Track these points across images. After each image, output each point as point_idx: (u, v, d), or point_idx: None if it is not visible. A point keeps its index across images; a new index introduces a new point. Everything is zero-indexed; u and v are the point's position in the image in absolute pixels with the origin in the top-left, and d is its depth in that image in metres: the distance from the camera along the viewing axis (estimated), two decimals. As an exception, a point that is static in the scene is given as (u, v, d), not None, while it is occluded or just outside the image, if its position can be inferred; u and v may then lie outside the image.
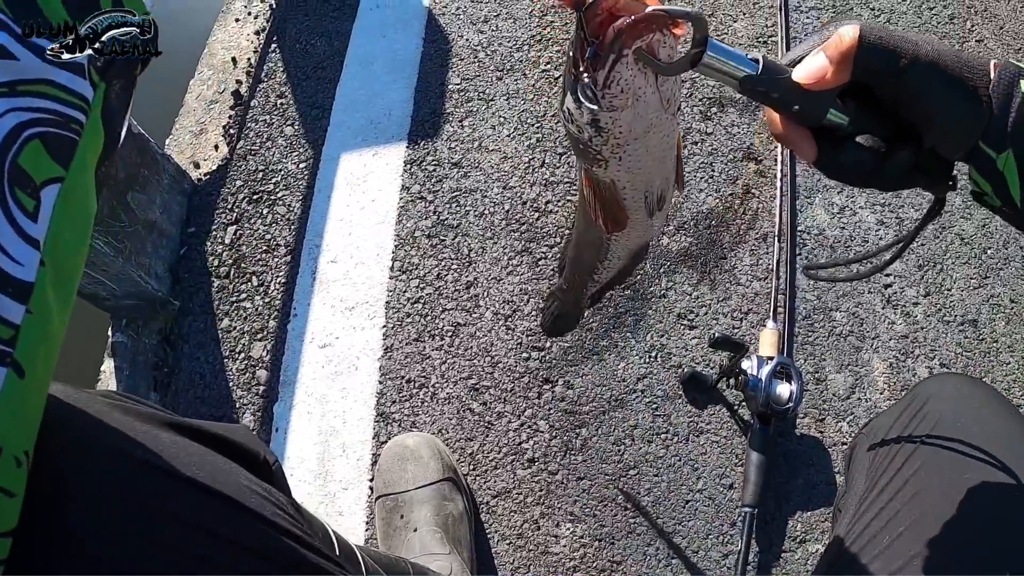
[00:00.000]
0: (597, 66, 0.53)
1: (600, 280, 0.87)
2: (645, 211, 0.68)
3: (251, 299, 1.47)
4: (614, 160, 0.60)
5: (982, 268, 1.50)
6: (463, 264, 1.48)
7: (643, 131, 0.58)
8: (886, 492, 0.75)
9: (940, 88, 0.50)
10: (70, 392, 0.56)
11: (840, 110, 0.54)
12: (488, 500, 1.27)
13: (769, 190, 1.55)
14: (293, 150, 1.64)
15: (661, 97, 0.56)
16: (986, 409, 0.76)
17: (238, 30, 1.87)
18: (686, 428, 1.32)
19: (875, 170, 0.54)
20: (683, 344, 1.39)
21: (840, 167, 0.55)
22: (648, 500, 1.27)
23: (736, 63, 0.53)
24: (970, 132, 0.51)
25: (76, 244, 0.45)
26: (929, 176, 0.56)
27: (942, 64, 0.50)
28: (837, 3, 1.84)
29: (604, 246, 0.78)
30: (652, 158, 0.61)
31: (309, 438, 1.33)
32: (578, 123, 0.58)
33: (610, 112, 0.55)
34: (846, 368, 1.38)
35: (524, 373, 1.37)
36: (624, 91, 0.54)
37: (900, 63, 0.50)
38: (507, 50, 1.75)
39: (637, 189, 0.65)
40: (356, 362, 1.39)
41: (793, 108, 0.54)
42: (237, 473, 0.63)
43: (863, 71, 0.51)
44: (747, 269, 1.47)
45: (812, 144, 0.55)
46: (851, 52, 0.51)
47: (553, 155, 1.60)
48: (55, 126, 0.43)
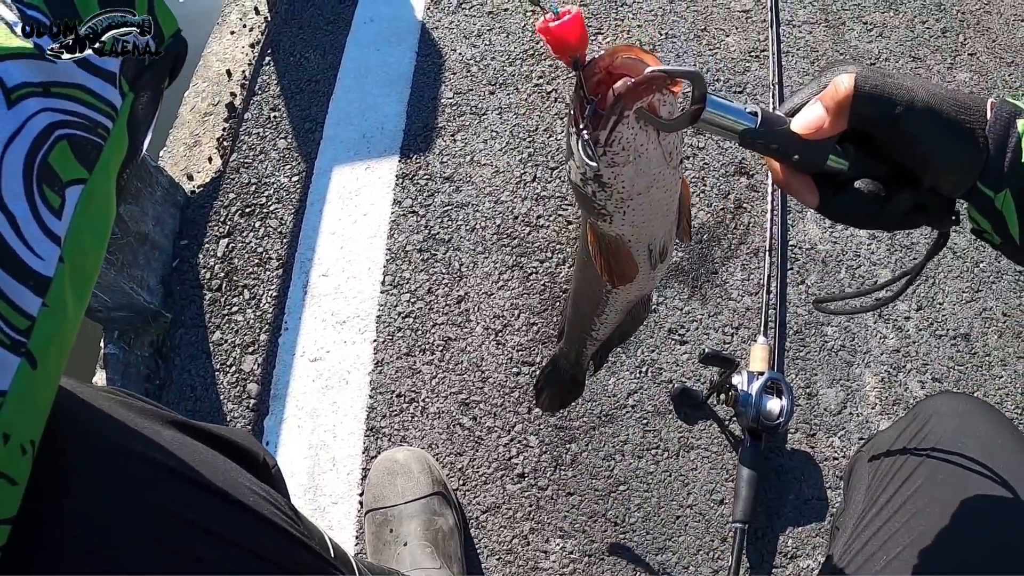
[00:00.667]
0: (598, 125, 0.54)
1: (599, 336, 0.87)
2: (648, 264, 0.68)
3: (243, 312, 1.47)
4: (618, 215, 0.61)
5: (974, 282, 1.50)
6: (454, 278, 1.48)
7: (646, 186, 0.58)
8: (885, 511, 0.75)
9: (936, 133, 0.51)
10: (76, 385, 0.56)
11: (839, 155, 0.55)
12: (478, 515, 1.27)
13: (761, 205, 1.56)
14: (286, 163, 1.65)
15: (663, 152, 0.57)
16: (989, 430, 0.76)
17: (233, 42, 1.87)
18: (676, 443, 1.32)
19: (877, 212, 0.55)
20: (674, 359, 1.39)
21: (842, 211, 0.56)
22: (638, 516, 1.27)
23: (735, 117, 0.54)
24: (967, 174, 0.52)
25: (95, 246, 0.46)
26: (930, 214, 0.56)
27: (937, 109, 0.51)
28: (829, 17, 1.85)
29: (603, 299, 0.78)
30: (656, 212, 0.62)
31: (299, 452, 1.33)
32: (582, 178, 0.59)
33: (612, 168, 0.56)
34: (837, 383, 1.38)
35: (514, 388, 1.37)
36: (626, 149, 0.55)
37: (895, 111, 0.51)
38: (500, 64, 1.76)
39: (641, 242, 0.65)
40: (347, 376, 1.39)
41: (793, 158, 0.55)
42: (237, 473, 0.63)
43: (859, 119, 0.52)
44: (738, 284, 1.47)
45: (814, 190, 0.56)
46: (847, 102, 0.52)
47: (545, 169, 1.60)
48: (83, 129, 0.44)
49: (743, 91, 1.74)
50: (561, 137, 1.66)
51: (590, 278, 0.78)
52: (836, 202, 0.56)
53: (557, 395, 1.08)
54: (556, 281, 1.47)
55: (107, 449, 0.53)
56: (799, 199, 0.57)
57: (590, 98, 0.54)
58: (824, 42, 1.80)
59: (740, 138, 0.54)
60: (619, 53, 0.53)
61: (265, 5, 1.92)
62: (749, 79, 1.74)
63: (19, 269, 0.40)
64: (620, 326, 0.86)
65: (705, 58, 1.77)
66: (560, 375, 1.03)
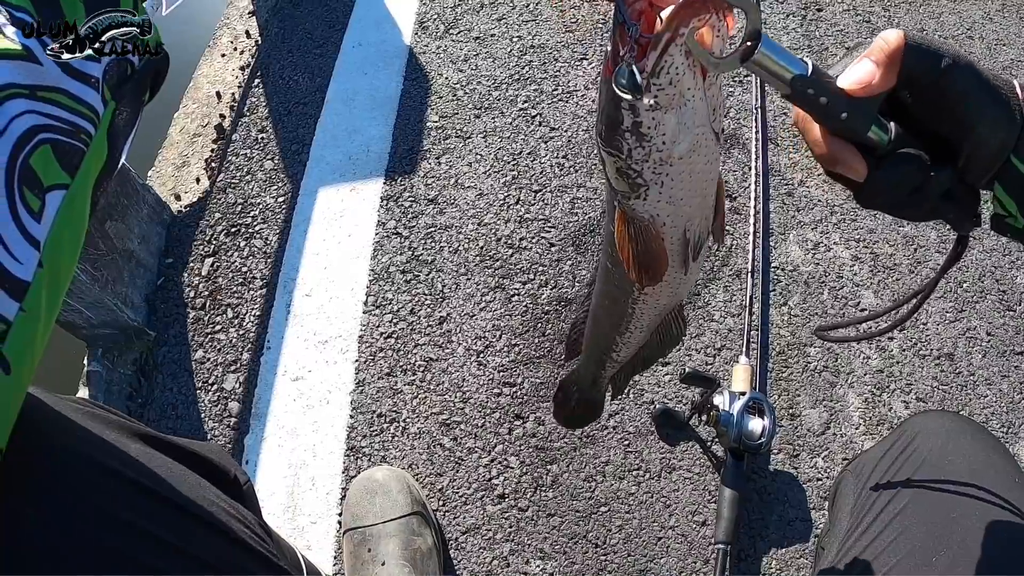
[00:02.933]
0: (647, 50, 0.48)
1: (619, 358, 0.81)
2: (681, 259, 0.62)
3: (226, 331, 1.47)
4: (655, 186, 0.55)
5: (958, 302, 1.50)
6: (436, 300, 1.48)
7: (688, 148, 0.53)
8: (871, 531, 0.74)
9: (980, 92, 0.50)
10: (44, 395, 0.56)
11: (880, 126, 0.53)
12: (457, 536, 1.26)
13: (743, 227, 1.56)
14: (272, 184, 1.66)
15: (708, 106, 0.52)
16: (975, 448, 0.76)
17: (224, 65, 1.89)
18: (658, 464, 1.31)
19: (919, 188, 0.53)
20: (655, 380, 1.39)
21: (887, 183, 0.54)
22: (619, 537, 1.26)
23: (787, 62, 0.50)
24: (1006, 140, 0.51)
25: (71, 254, 0.46)
26: (958, 205, 0.55)
27: (979, 69, 0.50)
28: (812, 43, 1.87)
29: (629, 310, 0.71)
30: (695, 188, 0.57)
31: (279, 471, 1.32)
32: (618, 132, 0.53)
33: (654, 112, 0.51)
34: (821, 403, 1.38)
35: (495, 409, 1.36)
36: (673, 83, 0.49)
37: (943, 63, 0.50)
38: (486, 88, 1.78)
39: (677, 227, 0.59)
40: (328, 396, 1.38)
41: (841, 116, 0.52)
42: (204, 488, 0.63)
43: (908, 73, 0.51)
44: (720, 305, 1.47)
45: (861, 159, 0.53)
46: (898, 53, 0.50)
47: (528, 192, 1.62)
48: (66, 135, 0.44)
49: (726, 115, 1.76)
50: (545, 160, 1.67)
51: (614, 285, 0.71)
52: (881, 173, 0.53)
53: (570, 416, 1.03)
54: (538, 303, 1.47)
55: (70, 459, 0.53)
56: (846, 169, 0.54)
57: (632, 22, 0.48)
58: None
59: (791, 85, 0.51)
60: None
61: (256, 29, 1.95)
62: (732, 103, 1.76)
63: None
64: (644, 347, 0.79)
65: (689, 83, 1.79)
66: (570, 398, 0.98)
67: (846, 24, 1.94)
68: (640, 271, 0.61)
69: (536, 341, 1.43)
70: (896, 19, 1.97)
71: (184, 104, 1.84)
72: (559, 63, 1.84)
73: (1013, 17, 2.00)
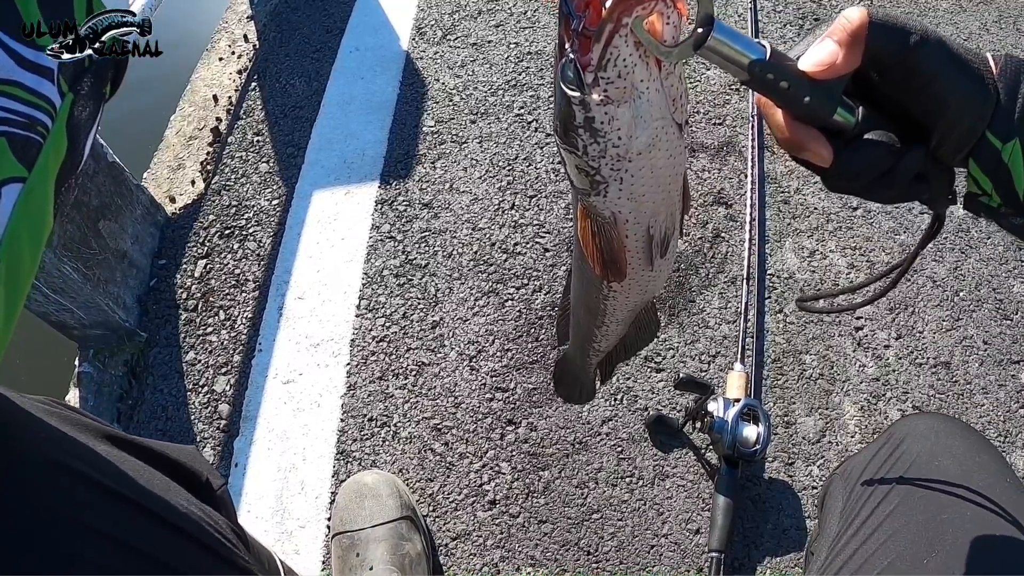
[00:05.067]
0: (591, 43, 0.47)
1: (601, 348, 0.80)
2: (647, 255, 0.60)
3: (217, 333, 1.46)
4: (615, 183, 0.53)
5: (954, 310, 1.49)
6: (429, 304, 1.47)
7: (647, 143, 0.51)
8: (860, 534, 0.73)
9: (951, 68, 0.48)
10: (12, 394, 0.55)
11: (846, 109, 0.51)
12: (447, 542, 1.24)
13: (739, 234, 1.56)
14: (267, 187, 1.65)
15: (667, 97, 0.50)
16: (965, 449, 0.75)
17: (221, 68, 1.90)
18: (651, 471, 1.30)
19: (890, 170, 0.51)
20: (649, 387, 1.38)
21: (854, 169, 0.51)
22: (612, 545, 1.24)
23: (743, 47, 0.48)
24: (980, 117, 0.49)
25: (31, 251, 0.45)
26: (932, 185, 0.53)
27: (949, 44, 0.49)
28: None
29: (601, 306, 0.70)
30: (658, 184, 0.55)
31: (268, 474, 1.31)
32: (571, 129, 0.51)
33: (606, 107, 0.49)
34: (816, 411, 1.37)
35: (487, 414, 1.35)
36: (622, 76, 0.47)
37: (911, 40, 0.48)
38: (482, 94, 1.78)
39: (640, 223, 0.58)
40: (319, 399, 1.37)
41: (804, 100, 0.50)
42: (174, 492, 0.62)
43: (873, 52, 0.48)
44: (716, 312, 1.46)
45: (826, 144, 0.51)
46: (861, 32, 0.48)
47: (523, 198, 1.61)
48: (21, 128, 0.43)
49: (722, 123, 1.76)
50: (540, 165, 1.67)
51: (585, 283, 0.71)
52: (847, 157, 0.51)
53: (570, 391, 1.02)
54: (531, 308, 1.46)
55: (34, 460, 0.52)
56: (810, 155, 0.52)
57: (577, 14, 0.46)
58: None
59: (748, 70, 0.48)
60: None
61: (254, 33, 1.95)
62: (728, 111, 1.76)
63: None
64: (624, 338, 0.79)
65: (686, 90, 1.79)
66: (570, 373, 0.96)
67: (844, 34, 1.94)
68: (604, 268, 0.59)
69: (529, 346, 1.42)
70: (894, 29, 1.97)
71: (181, 107, 1.84)
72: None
73: (1010, 28, 2.01)
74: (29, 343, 1.79)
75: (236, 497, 1.28)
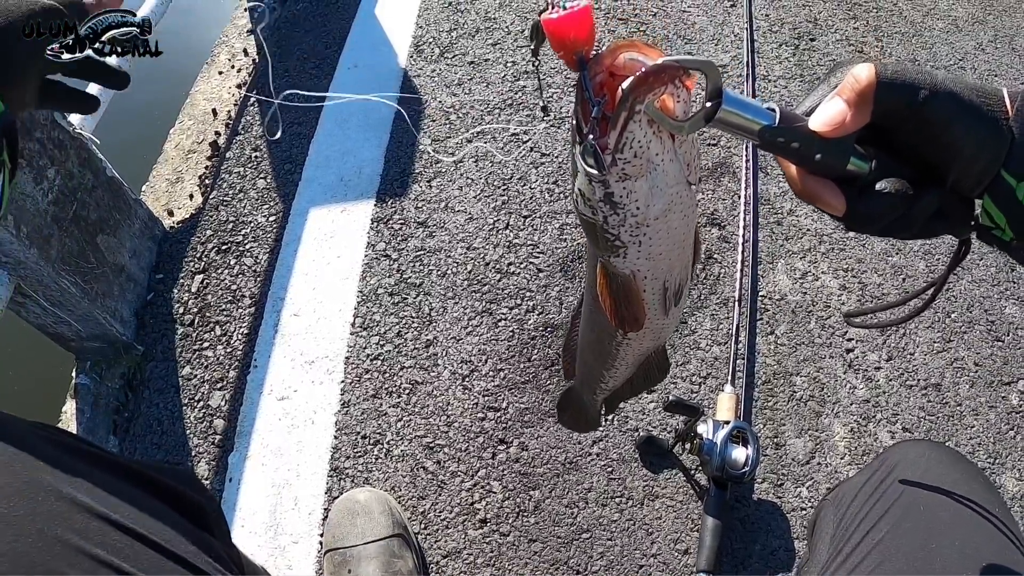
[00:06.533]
0: (608, 128, 0.49)
1: (608, 387, 0.82)
2: (662, 307, 0.63)
3: (213, 348, 1.47)
4: (633, 246, 0.55)
5: (945, 332, 1.51)
6: (423, 323, 1.49)
7: (664, 209, 0.53)
8: (850, 561, 0.74)
9: (963, 117, 0.48)
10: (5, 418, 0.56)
11: (859, 157, 0.52)
12: (438, 560, 1.25)
13: (732, 256, 1.57)
14: (264, 203, 1.67)
15: (681, 164, 0.52)
16: (954, 475, 0.76)
17: (221, 83, 1.91)
18: (641, 492, 1.31)
19: (905, 214, 0.52)
20: (640, 408, 1.39)
21: (869, 215, 0.52)
22: (601, 564, 1.25)
23: (753, 115, 0.50)
24: (994, 159, 0.49)
25: None
26: (950, 220, 0.53)
27: (960, 93, 0.49)
28: (804, 73, 1.89)
29: (613, 352, 0.72)
30: (673, 242, 0.57)
31: (262, 490, 1.32)
32: (591, 202, 0.53)
33: (624, 182, 0.51)
34: (806, 433, 1.38)
35: (479, 433, 1.36)
36: (638, 155, 0.50)
37: (920, 96, 0.48)
38: (479, 113, 1.79)
39: (657, 279, 0.60)
40: (313, 416, 1.38)
41: (815, 158, 0.51)
42: (164, 515, 0.63)
43: (882, 110, 0.49)
44: (707, 334, 1.48)
45: (839, 194, 0.52)
46: (870, 91, 0.49)
47: (518, 217, 1.62)
48: None
49: (717, 144, 1.77)
50: (535, 185, 1.68)
51: (597, 330, 0.72)
52: (861, 205, 0.52)
53: (575, 422, 1.04)
54: (524, 328, 1.48)
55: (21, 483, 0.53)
56: (823, 205, 0.53)
57: (596, 100, 0.49)
58: (799, 97, 1.84)
59: (759, 137, 0.50)
60: (621, 50, 0.48)
61: (254, 47, 1.96)
62: (723, 133, 1.77)
63: None
64: (632, 380, 0.80)
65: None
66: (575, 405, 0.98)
67: (839, 54, 1.95)
68: (621, 320, 0.62)
69: (522, 366, 1.43)
70: (889, 50, 1.99)
71: (180, 120, 1.86)
72: (552, 89, 1.86)
73: (1005, 48, 2.02)
74: (26, 353, 1.80)
75: (230, 511, 1.30)
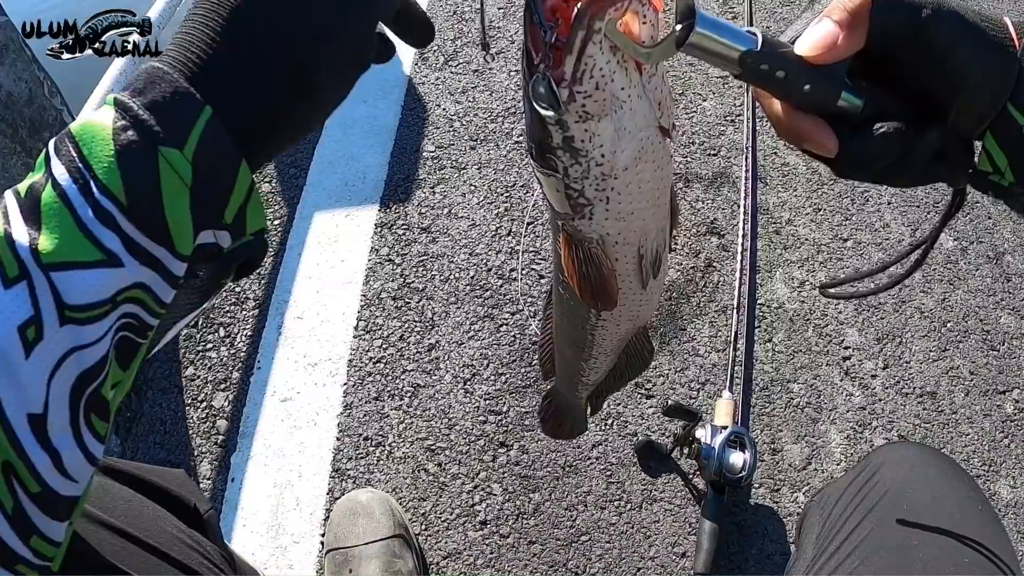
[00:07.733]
0: (562, 55, 0.41)
1: (591, 381, 0.74)
2: (638, 278, 0.55)
3: (217, 349, 1.49)
4: (600, 203, 0.48)
5: (941, 341, 1.52)
6: (426, 327, 1.50)
7: (633, 156, 0.46)
8: (834, 560, 0.75)
9: (969, 40, 0.43)
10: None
11: (852, 92, 0.46)
12: (438, 561, 1.27)
13: (731, 264, 1.59)
14: (269, 206, 1.69)
15: (650, 102, 0.45)
16: (937, 476, 0.77)
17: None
18: (640, 495, 1.33)
19: (904, 155, 0.46)
20: (639, 413, 1.41)
21: (863, 157, 0.47)
22: (599, 566, 1.26)
23: (731, 39, 0.43)
24: (1002, 88, 0.44)
25: None
26: (950, 163, 0.48)
27: (964, 13, 0.44)
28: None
29: (588, 338, 0.64)
30: (647, 199, 0.49)
31: (264, 490, 1.33)
32: (549, 150, 0.46)
33: (585, 123, 0.44)
34: (803, 439, 1.40)
35: (480, 436, 1.38)
36: (600, 88, 0.42)
37: (923, 14, 0.43)
38: (482, 120, 1.81)
39: (630, 244, 0.52)
40: (315, 417, 1.40)
41: (804, 89, 0.45)
42: (162, 519, 0.64)
43: (879, 31, 0.44)
44: (706, 340, 1.49)
45: (830, 133, 0.46)
46: (864, 10, 0.43)
47: (520, 224, 1.64)
48: (134, 332, 0.40)
49: (717, 154, 1.79)
50: (538, 192, 1.70)
51: (569, 314, 0.64)
52: (855, 145, 0.46)
53: (559, 428, 0.98)
54: (525, 333, 1.50)
55: None
56: (812, 146, 0.47)
57: (547, 24, 0.42)
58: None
59: (740, 64, 0.44)
60: None
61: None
62: (723, 142, 1.79)
63: (51, 505, 0.38)
64: (614, 370, 0.73)
65: (682, 121, 1.83)
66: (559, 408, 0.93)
67: None
68: (593, 297, 0.54)
69: (522, 371, 1.45)
70: None
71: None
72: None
73: None
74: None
75: (232, 511, 1.31)
